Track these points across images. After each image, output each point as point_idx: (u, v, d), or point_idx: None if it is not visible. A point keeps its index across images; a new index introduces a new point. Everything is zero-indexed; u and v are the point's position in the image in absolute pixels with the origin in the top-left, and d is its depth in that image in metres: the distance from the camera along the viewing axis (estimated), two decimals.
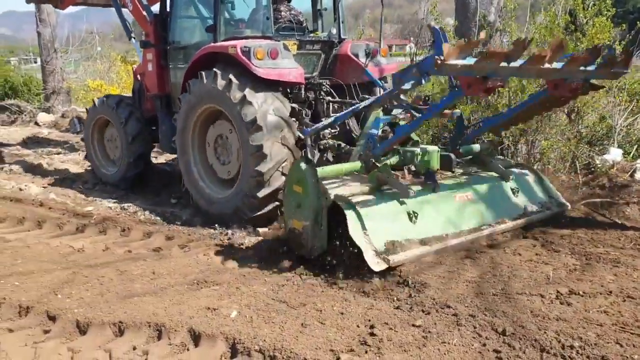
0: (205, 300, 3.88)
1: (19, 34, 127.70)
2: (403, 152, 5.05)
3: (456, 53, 3.75)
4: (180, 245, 5.33)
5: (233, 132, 5.88)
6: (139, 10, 7.31)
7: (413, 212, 4.47)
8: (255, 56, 5.53)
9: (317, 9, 6.95)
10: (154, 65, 7.08)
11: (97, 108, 8.00)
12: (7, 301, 4.01)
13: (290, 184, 4.62)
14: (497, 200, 5.14)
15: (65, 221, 6.12)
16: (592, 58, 4.48)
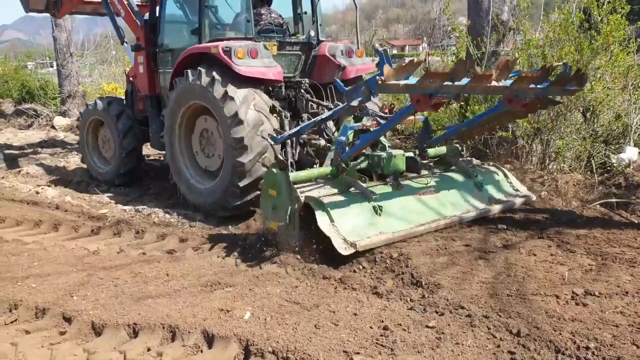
0: (218, 301, 3.90)
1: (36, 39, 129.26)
2: (371, 156, 5.47)
3: (396, 74, 4.08)
4: (194, 247, 5.36)
5: (217, 126, 6.23)
6: (130, 16, 7.76)
7: (378, 207, 4.88)
8: (236, 55, 5.90)
9: (297, 13, 7.35)
10: (145, 67, 7.52)
11: (91, 110, 8.43)
12: (24, 303, 4.06)
13: (265, 188, 5.04)
14: (461, 194, 5.58)
15: (81, 224, 6.19)
16: (543, 76, 4.71)
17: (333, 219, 4.59)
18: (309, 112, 6.75)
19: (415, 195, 5.28)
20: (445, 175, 5.78)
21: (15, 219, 6.39)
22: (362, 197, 4.91)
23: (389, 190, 5.18)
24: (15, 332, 3.72)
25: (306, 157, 6.14)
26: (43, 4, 9.61)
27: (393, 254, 4.47)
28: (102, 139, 8.52)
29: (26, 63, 27.38)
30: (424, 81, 4.12)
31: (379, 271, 4.28)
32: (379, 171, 5.43)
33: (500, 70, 4.38)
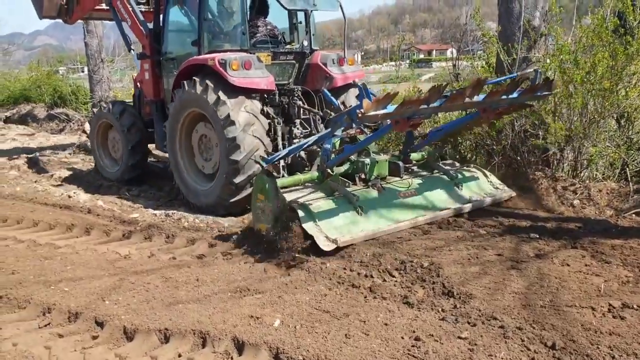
0: (248, 308, 3.90)
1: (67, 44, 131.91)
2: (355, 162, 5.88)
3: (374, 106, 4.53)
4: (223, 253, 5.37)
5: (212, 130, 6.69)
6: (136, 25, 8.14)
7: (360, 207, 5.27)
8: (231, 67, 6.37)
9: (293, 23, 7.78)
10: (150, 74, 8.03)
11: (99, 114, 9.02)
12: (57, 306, 4.12)
13: (255, 194, 5.48)
14: (441, 194, 6.00)
15: (112, 228, 6.26)
16: (512, 88, 5.29)
17: (316, 220, 4.99)
18: (300, 118, 7.26)
19: (396, 196, 5.70)
20: (427, 177, 6.21)
21: (48, 222, 6.50)
22: (346, 200, 5.32)
23: (372, 193, 5.59)
24: (49, 336, 3.77)
25: (298, 161, 6.76)
26: (55, 11, 9.97)
27: (424, 263, 4.43)
28: (111, 140, 8.99)
29: (58, 68, 27.93)
30: (401, 109, 4.62)
31: (409, 280, 4.24)
32: (362, 176, 5.83)
33: (473, 88, 4.89)
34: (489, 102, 5.35)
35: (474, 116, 6.08)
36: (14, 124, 17.14)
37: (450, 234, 5.33)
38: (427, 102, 4.70)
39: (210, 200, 6.79)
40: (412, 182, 5.95)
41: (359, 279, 4.30)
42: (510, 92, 5.25)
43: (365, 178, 5.83)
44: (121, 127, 8.43)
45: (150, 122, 8.37)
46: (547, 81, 5.60)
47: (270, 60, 7.10)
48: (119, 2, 8.39)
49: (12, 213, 6.95)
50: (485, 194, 6.26)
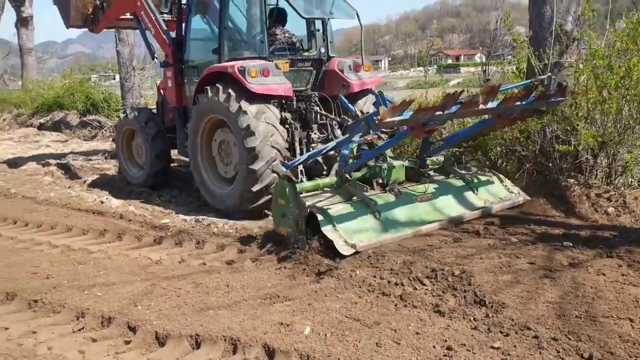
0: (278, 315, 3.91)
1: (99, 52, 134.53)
2: (373, 167, 6.02)
3: (391, 113, 4.66)
4: (252, 259, 5.39)
5: (232, 135, 6.91)
6: (159, 34, 8.35)
7: (378, 212, 5.41)
8: (250, 74, 6.58)
9: (310, 31, 7.96)
10: (173, 81, 8.22)
11: (124, 120, 9.26)
12: (91, 311, 4.19)
13: (275, 198, 5.58)
14: (456, 199, 6.12)
15: (144, 233, 6.33)
16: (527, 94, 5.35)
17: (335, 224, 5.15)
18: (318, 123, 7.41)
19: (414, 201, 5.82)
20: (443, 182, 6.33)
21: (81, 228, 6.61)
22: (363, 205, 5.47)
23: (389, 198, 5.71)
24: (83, 340, 3.83)
25: (316, 166, 6.93)
26: (82, 20, 10.19)
27: (455, 271, 4.38)
28: (135, 146, 9.19)
29: (90, 76, 28.49)
30: (417, 115, 4.79)
31: (440, 289, 4.19)
32: (380, 180, 5.95)
33: (486, 95, 5.00)
34: (503, 109, 5.45)
35: (488, 122, 6.18)
36: (47, 130, 17.53)
37: (481, 242, 5.27)
38: (442, 109, 4.82)
39: (228, 204, 7.03)
40: (429, 186, 6.05)
41: (390, 287, 4.28)
42: (524, 98, 5.31)
43: (382, 183, 5.95)
44: (146, 136, 8.63)
45: (172, 128, 8.59)
46: (561, 87, 5.67)
47: (288, 67, 7.34)
48: (142, 11, 8.60)
49: (47, 218, 7.09)
50: (500, 198, 6.36)
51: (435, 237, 5.50)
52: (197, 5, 7.80)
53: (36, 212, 7.47)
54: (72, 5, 9.96)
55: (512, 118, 5.81)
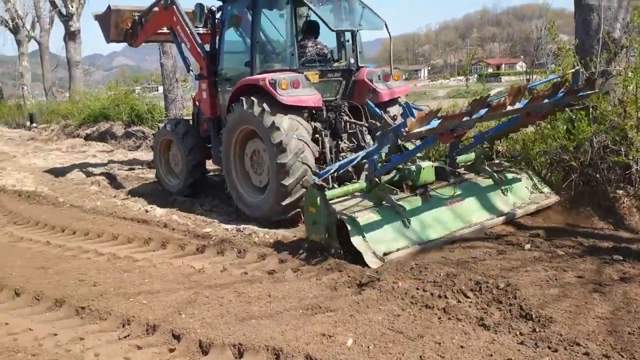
0: (320, 326, 3.90)
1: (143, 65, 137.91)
2: (402, 169, 6.11)
3: (418, 123, 4.80)
4: (293, 269, 5.40)
5: (264, 148, 7.13)
6: (195, 47, 8.66)
7: (407, 219, 5.51)
8: (280, 87, 6.79)
9: (340, 42, 8.13)
10: (207, 93, 8.50)
11: (162, 131, 9.62)
12: (136, 319, 4.26)
13: (307, 206, 5.76)
14: (486, 201, 6.14)
15: (187, 242, 6.42)
16: (554, 91, 5.27)
17: (364, 234, 5.26)
18: (347, 132, 7.65)
19: (443, 205, 5.89)
20: (472, 182, 6.38)
21: (127, 236, 6.75)
22: (393, 211, 5.55)
23: (418, 202, 5.82)
24: (128, 347, 3.89)
25: (346, 173, 6.90)
26: (122, 35, 10.59)
27: (499, 284, 4.30)
28: (172, 156, 9.49)
29: (134, 87, 29.14)
30: (444, 123, 4.88)
31: (485, 302, 4.12)
32: (409, 183, 6.03)
33: (513, 96, 5.02)
34: (532, 108, 5.44)
35: (517, 120, 6.18)
36: (94, 141, 18.01)
37: (526, 254, 5.16)
38: (469, 114, 4.89)
39: (259, 213, 7.29)
40: (458, 189, 6.14)
41: (433, 299, 4.22)
42: (552, 95, 5.26)
43: (412, 185, 6.02)
44: (183, 148, 8.90)
45: (207, 139, 8.83)
46: (589, 80, 5.66)
47: (318, 78, 7.55)
48: (178, 26, 8.93)
49: (93, 227, 7.27)
50: (530, 200, 6.38)
51: (478, 249, 5.42)
52: (231, 20, 8.08)
53: (83, 221, 7.67)
54: (112, 21, 10.37)
55: (542, 115, 5.84)
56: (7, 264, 5.83)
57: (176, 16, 8.92)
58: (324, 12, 7.23)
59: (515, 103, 5.10)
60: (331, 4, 7.54)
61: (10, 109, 31.23)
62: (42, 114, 25.80)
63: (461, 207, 5.97)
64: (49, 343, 3.99)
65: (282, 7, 7.55)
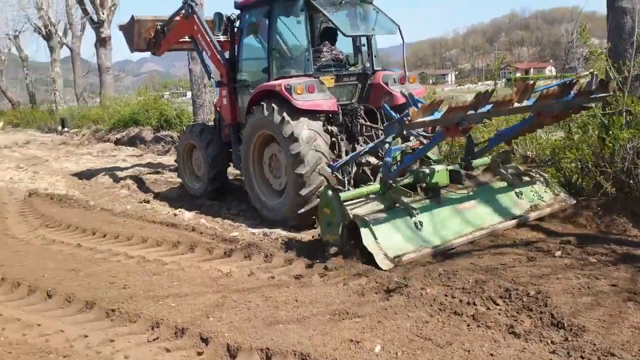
0: (347, 332, 3.88)
1: (172, 71, 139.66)
2: (416, 172, 6.12)
3: (421, 113, 4.83)
4: (320, 274, 5.38)
5: (280, 150, 7.29)
6: (215, 55, 8.92)
7: (419, 222, 5.57)
8: (296, 92, 6.95)
9: (356, 47, 8.32)
10: (227, 100, 8.71)
11: (186, 135, 9.82)
12: (165, 321, 4.30)
13: (321, 208, 5.90)
14: (500, 205, 6.14)
15: (215, 246, 6.46)
16: (564, 91, 5.14)
17: (377, 236, 5.32)
18: (363, 135, 7.72)
19: (455, 207, 5.93)
20: (486, 185, 6.38)
21: (156, 239, 6.82)
22: (405, 213, 5.62)
23: (431, 205, 5.85)
24: (157, 350, 3.93)
25: (362, 175, 7.16)
26: (145, 44, 10.91)
27: (530, 292, 4.23)
28: (195, 159, 9.67)
29: (162, 93, 29.60)
30: (448, 115, 4.81)
31: (515, 309, 4.06)
32: (423, 185, 6.07)
33: (520, 92, 4.92)
34: (540, 106, 5.32)
35: (529, 120, 6.09)
36: (123, 145, 18.30)
37: (557, 262, 5.08)
38: (474, 108, 4.82)
39: (279, 214, 7.40)
40: (472, 191, 6.17)
41: (462, 306, 4.17)
42: (562, 95, 5.14)
43: (426, 187, 6.07)
44: (206, 155, 9.10)
45: (229, 144, 9.03)
46: (603, 83, 5.52)
47: (333, 82, 7.67)
48: (199, 34, 9.18)
49: (123, 230, 7.38)
50: (545, 203, 6.33)
51: (507, 255, 5.35)
52: (249, 27, 8.32)
53: (114, 224, 7.78)
54: (136, 31, 10.70)
55: (554, 115, 5.70)
56: (40, 266, 5.95)
57: (197, 25, 9.19)
58: (338, 18, 7.37)
59: (522, 100, 5.02)
60: (346, 10, 7.65)
61: (43, 114, 31.94)
62: (73, 119, 26.31)
63: (474, 209, 6.01)
64: (79, 345, 4.05)
65: (298, 14, 7.66)
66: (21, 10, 35.09)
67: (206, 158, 9.14)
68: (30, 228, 8.03)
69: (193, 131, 9.56)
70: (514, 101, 4.93)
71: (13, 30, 39.14)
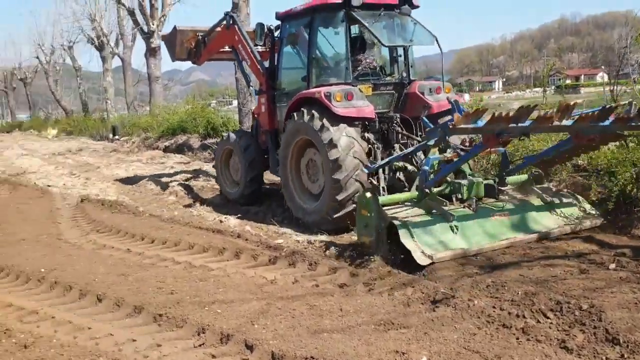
0: (393, 343, 3.83)
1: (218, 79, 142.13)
2: (452, 183, 6.38)
3: (465, 119, 5.02)
4: (365, 283, 5.34)
5: (319, 154, 7.50)
6: (255, 64, 9.28)
7: (455, 226, 5.82)
8: (335, 99, 7.17)
9: (392, 57, 8.54)
10: (266, 107, 9.07)
11: (224, 141, 10.20)
12: (211, 327, 4.33)
13: (359, 209, 6.13)
14: (531, 218, 6.33)
15: (259, 253, 6.48)
16: (603, 115, 5.07)
17: (414, 235, 5.60)
18: (399, 143, 7.82)
19: (490, 216, 6.16)
20: (521, 199, 6.59)
21: (202, 245, 6.91)
22: (442, 218, 5.86)
23: (467, 213, 6.09)
24: (203, 356, 3.96)
25: (397, 182, 7.32)
26: (186, 54, 11.24)
27: (582, 305, 4.08)
28: (232, 164, 9.99)
29: (209, 101, 30.12)
30: (490, 124, 5.03)
31: (567, 323, 3.92)
32: (459, 196, 6.29)
33: (561, 112, 4.99)
34: (578, 128, 5.41)
35: (567, 143, 6.17)
36: (172, 153, 18.68)
37: (611, 274, 4.90)
38: (516, 120, 4.94)
39: (316, 217, 7.59)
40: (507, 203, 6.40)
41: (511, 318, 4.06)
42: (600, 119, 5.13)
43: (461, 198, 6.29)
44: (244, 160, 9.41)
45: (266, 150, 9.31)
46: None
47: (371, 91, 7.87)
48: (240, 44, 9.51)
49: (171, 236, 7.50)
50: (576, 219, 6.48)
51: (558, 267, 5.19)
52: (289, 38, 8.57)
53: (162, 230, 7.93)
54: (178, 41, 11.06)
55: (590, 139, 5.78)
56: (91, 271, 6.11)
57: (237, 35, 9.51)
58: (377, 29, 7.62)
59: (562, 119, 5.07)
60: (385, 21, 7.85)
61: (95, 122, 32.94)
62: (124, 127, 27.01)
63: (509, 220, 6.22)
64: (128, 348, 4.12)
65: (337, 25, 7.92)
66: (75, 21, 36.19)
67: (244, 162, 9.42)
68: (82, 233, 8.27)
69: (231, 137, 9.87)
70: (554, 119, 5.01)
71: (67, 41, 40.56)
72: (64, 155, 20.99)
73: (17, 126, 49.79)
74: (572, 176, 7.67)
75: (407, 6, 7.93)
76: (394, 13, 7.88)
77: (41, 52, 45.52)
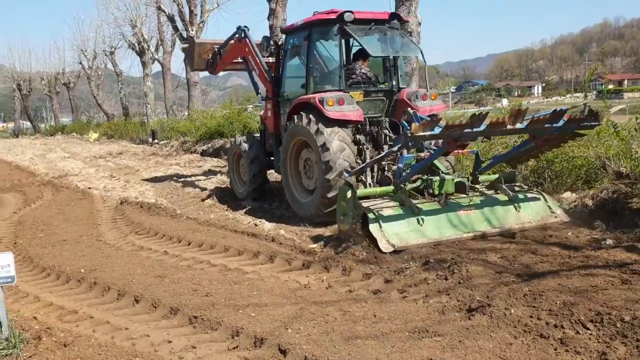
0: (427, 351, 3.79)
1: None
2: (425, 179, 7.16)
3: (422, 128, 5.64)
4: (399, 290, 5.31)
5: (313, 155, 8.35)
6: (262, 73, 10.24)
7: (421, 219, 6.45)
8: (327, 104, 8.00)
9: (385, 67, 9.35)
10: (271, 112, 9.97)
11: (233, 144, 11.00)
12: (245, 331, 4.36)
13: (339, 200, 6.96)
14: (497, 214, 6.87)
15: (293, 257, 6.51)
16: (555, 117, 5.80)
17: (381, 225, 6.30)
18: (388, 144, 8.48)
19: (457, 211, 6.71)
20: (489, 197, 7.10)
21: (237, 248, 6.98)
22: (410, 211, 6.49)
23: (435, 206, 6.68)
24: (237, 359, 3.99)
25: (386, 179, 7.82)
26: (203, 65, 12.24)
27: (624, 317, 3.97)
28: (242, 166, 10.76)
29: (246, 106, 30.36)
30: (445, 131, 5.60)
31: (607, 335, 3.82)
32: (431, 191, 6.98)
33: (513, 116, 5.60)
34: (532, 130, 5.98)
35: (527, 143, 6.84)
36: (209, 156, 18.94)
37: None
38: (470, 127, 5.48)
39: (310, 211, 8.42)
40: (474, 199, 6.93)
41: (548, 329, 3.97)
42: (553, 121, 5.75)
43: (433, 193, 6.95)
44: (247, 159, 10.22)
45: (272, 152, 10.21)
46: (592, 113, 6.06)
47: (362, 97, 8.72)
48: (250, 56, 10.49)
49: (207, 238, 7.60)
50: (540, 217, 6.97)
51: (599, 276, 5.05)
52: (292, 49, 9.53)
53: (198, 232, 8.04)
54: (196, 52, 12.06)
55: (547, 139, 6.37)
56: (129, 272, 6.23)
57: (248, 47, 10.47)
58: (369, 41, 8.43)
59: (515, 123, 5.61)
60: (376, 35, 8.65)
61: (135, 126, 33.67)
62: (163, 131, 27.51)
63: (474, 214, 6.75)
64: (164, 350, 4.19)
65: (332, 38, 8.72)
66: (117, 27, 37.01)
67: (247, 159, 10.24)
68: (121, 234, 8.45)
69: (237, 140, 10.76)
70: (507, 123, 5.56)
71: (109, 47, 41.43)
72: (105, 159, 21.50)
73: (60, 129, 51.28)
74: (614, 184, 7.49)
75: (397, 21, 8.79)
76: (384, 27, 8.69)
77: (84, 58, 46.69)
